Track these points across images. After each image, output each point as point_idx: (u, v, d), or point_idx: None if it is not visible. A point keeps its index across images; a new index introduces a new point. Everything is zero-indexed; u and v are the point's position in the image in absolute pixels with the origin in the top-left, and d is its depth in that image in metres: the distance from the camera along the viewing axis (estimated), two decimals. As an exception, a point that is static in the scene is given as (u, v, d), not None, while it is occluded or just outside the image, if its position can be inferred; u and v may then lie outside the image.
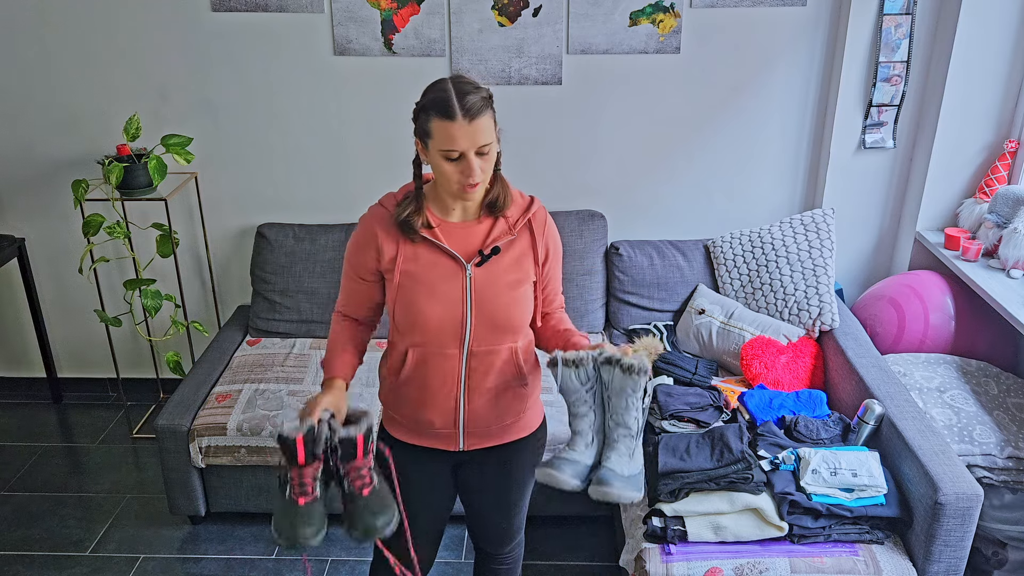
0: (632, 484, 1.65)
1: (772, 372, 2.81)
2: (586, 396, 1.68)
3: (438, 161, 1.67)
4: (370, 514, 1.71)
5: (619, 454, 1.67)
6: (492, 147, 1.68)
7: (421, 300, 1.76)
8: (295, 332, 3.28)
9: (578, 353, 1.64)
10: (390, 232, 1.79)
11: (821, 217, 3.13)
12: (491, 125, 1.66)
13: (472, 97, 1.62)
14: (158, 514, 3.02)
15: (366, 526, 1.71)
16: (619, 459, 1.67)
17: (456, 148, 1.62)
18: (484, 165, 1.67)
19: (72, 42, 3.18)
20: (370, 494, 1.73)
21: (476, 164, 1.64)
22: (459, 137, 1.62)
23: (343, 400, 1.80)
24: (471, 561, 2.77)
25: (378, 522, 1.71)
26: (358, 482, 1.74)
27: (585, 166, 3.34)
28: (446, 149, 1.63)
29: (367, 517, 1.71)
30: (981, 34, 2.89)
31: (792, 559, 2.19)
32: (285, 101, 3.26)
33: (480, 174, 1.66)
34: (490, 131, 1.65)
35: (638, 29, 3.12)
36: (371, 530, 1.71)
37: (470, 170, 1.64)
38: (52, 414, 3.66)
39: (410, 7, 3.10)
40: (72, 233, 3.46)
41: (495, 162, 1.79)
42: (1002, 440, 2.45)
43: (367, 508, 1.72)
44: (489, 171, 1.70)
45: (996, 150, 3.04)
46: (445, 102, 1.62)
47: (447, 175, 1.67)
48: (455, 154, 1.63)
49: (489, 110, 1.65)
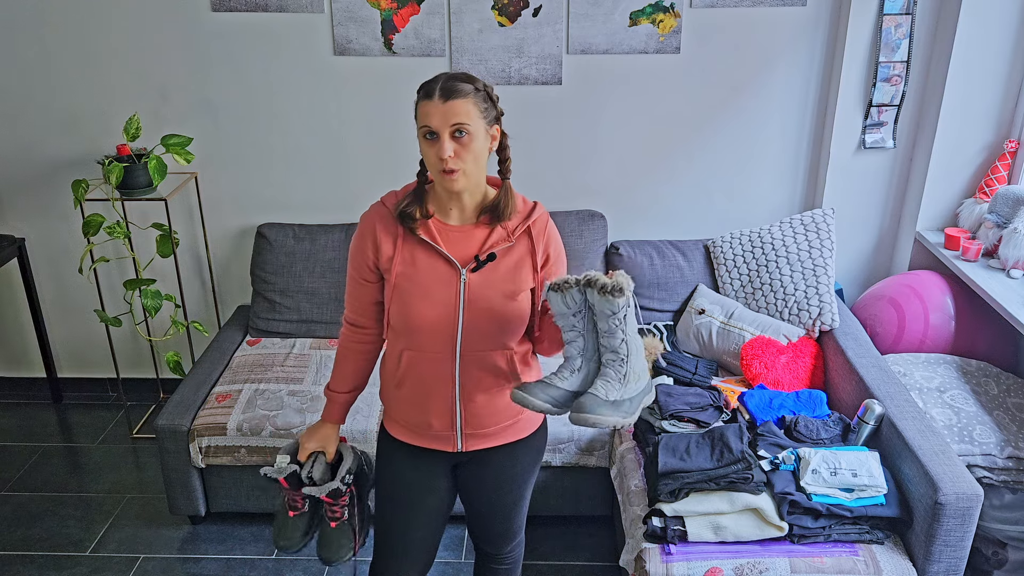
0: (619, 409, 1.62)
1: (772, 372, 2.81)
2: (575, 322, 1.67)
3: (421, 145, 1.72)
4: (329, 547, 2.03)
5: (606, 379, 1.65)
6: (472, 135, 1.68)
7: (415, 302, 1.77)
8: (295, 332, 3.28)
9: (564, 276, 1.65)
10: (388, 231, 1.80)
11: (821, 217, 3.13)
12: (470, 110, 1.67)
13: (456, 83, 1.68)
14: (158, 514, 3.02)
15: (324, 556, 2.04)
16: (606, 384, 1.64)
17: (429, 124, 1.67)
18: (460, 151, 1.68)
19: (72, 42, 3.18)
20: (336, 527, 2.03)
21: (448, 145, 1.67)
22: (432, 114, 1.66)
23: (332, 443, 2.01)
24: (471, 561, 2.77)
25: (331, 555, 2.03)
26: (329, 514, 2.03)
27: (585, 166, 3.34)
28: (421, 127, 1.69)
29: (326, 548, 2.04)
30: (981, 34, 2.89)
31: (792, 559, 2.19)
32: (285, 101, 3.26)
33: (454, 159, 1.67)
34: (467, 115, 1.67)
35: (638, 29, 3.12)
36: (327, 560, 2.03)
37: (441, 149, 1.67)
38: (52, 414, 3.66)
39: (410, 7, 3.10)
40: (72, 233, 3.46)
41: (502, 165, 1.82)
42: (1002, 440, 2.45)
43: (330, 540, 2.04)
44: (470, 161, 1.70)
45: (996, 150, 3.04)
46: (428, 84, 1.70)
47: (427, 158, 1.72)
48: (431, 132, 1.68)
49: (471, 97, 1.68)
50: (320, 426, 2.01)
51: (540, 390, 1.66)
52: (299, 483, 1.97)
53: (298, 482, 1.96)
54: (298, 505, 2.03)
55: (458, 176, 1.69)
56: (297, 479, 1.96)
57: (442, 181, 1.71)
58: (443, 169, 1.68)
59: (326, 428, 2.00)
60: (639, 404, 1.67)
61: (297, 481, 1.96)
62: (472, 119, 1.68)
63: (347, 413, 2.02)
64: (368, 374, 2.01)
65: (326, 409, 2.01)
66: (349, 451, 2.03)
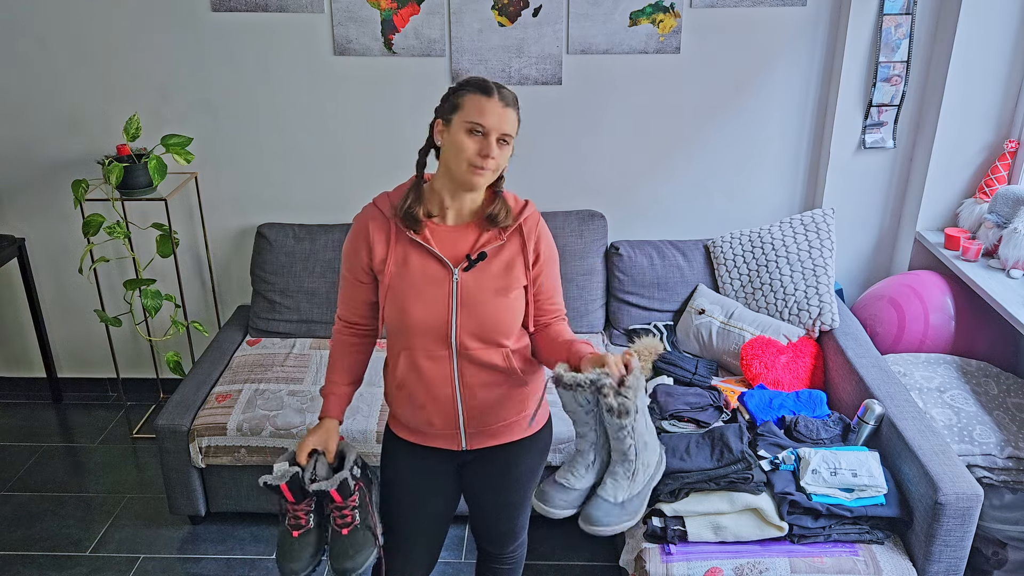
0: (627, 509, 1.68)
1: (772, 372, 2.81)
2: (586, 417, 1.68)
3: (459, 136, 1.70)
4: (346, 556, 1.86)
5: (615, 479, 1.70)
6: (510, 145, 1.74)
7: (408, 302, 1.78)
8: (295, 332, 3.28)
9: (575, 377, 1.61)
10: (381, 231, 1.81)
11: (821, 217, 3.13)
12: (515, 124, 1.74)
13: (513, 94, 1.75)
14: (158, 514, 3.02)
15: (341, 568, 1.85)
16: (615, 484, 1.69)
17: (484, 122, 1.68)
18: (498, 156, 1.71)
19: (72, 42, 3.18)
20: (349, 534, 1.88)
21: (494, 146, 1.69)
22: (490, 112, 1.69)
23: (333, 439, 1.92)
24: (471, 561, 2.77)
25: (349, 564, 1.85)
26: (339, 521, 1.89)
27: (585, 166, 3.34)
28: (474, 121, 1.69)
29: (343, 558, 1.86)
30: (981, 34, 2.89)
31: (792, 559, 2.19)
32: (285, 101, 3.26)
33: (493, 160, 1.70)
34: (514, 128, 1.73)
35: (638, 29, 3.12)
36: (346, 571, 1.85)
37: (488, 147, 1.69)
38: (52, 414, 3.66)
39: (410, 7, 3.10)
40: (72, 233, 3.46)
41: (500, 176, 1.82)
42: (1002, 440, 2.45)
43: (345, 548, 1.87)
44: (501, 165, 1.75)
45: (996, 150, 3.04)
46: (485, 83, 1.72)
47: (463, 149, 1.69)
48: (480, 128, 1.68)
49: (518, 114, 1.75)
50: (318, 425, 1.93)
51: (558, 495, 1.70)
52: (301, 492, 1.87)
53: (300, 491, 1.87)
54: (302, 522, 1.90)
55: (486, 176, 1.72)
56: (299, 486, 1.86)
57: (468, 175, 1.71)
58: (476, 165, 1.69)
59: (326, 424, 1.93)
60: (647, 495, 1.73)
61: (299, 490, 1.86)
62: (515, 132, 1.74)
63: (345, 410, 1.98)
64: (364, 368, 1.99)
65: (324, 407, 1.95)
66: (350, 447, 1.96)
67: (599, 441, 1.71)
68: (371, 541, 1.89)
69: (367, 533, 1.89)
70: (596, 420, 1.68)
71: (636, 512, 1.70)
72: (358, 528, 1.89)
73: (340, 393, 1.96)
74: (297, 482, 1.85)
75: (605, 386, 1.58)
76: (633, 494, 1.69)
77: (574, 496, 1.70)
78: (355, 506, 1.89)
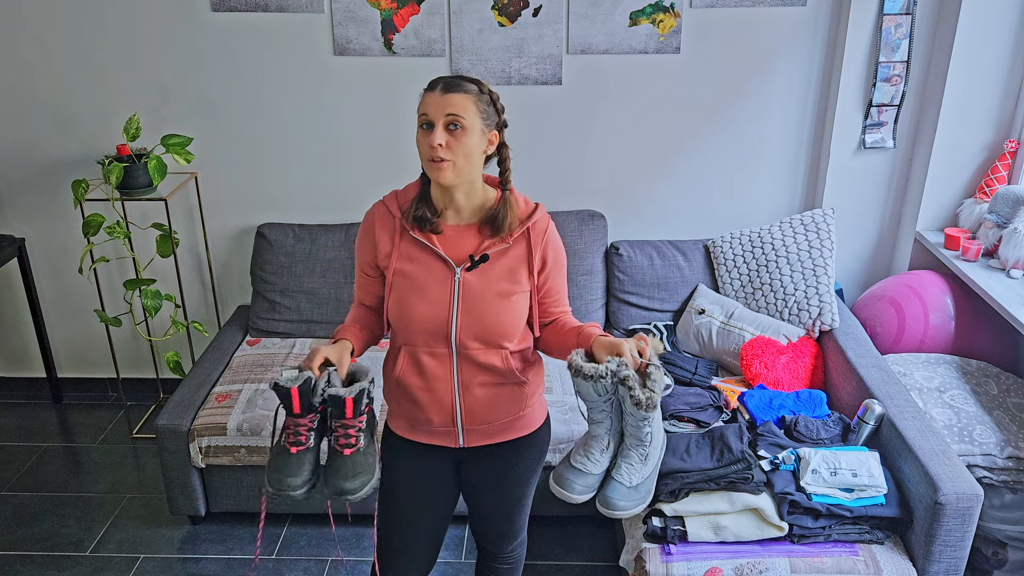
0: (639, 493, 1.72)
1: (772, 372, 2.81)
2: (603, 405, 1.70)
3: (417, 137, 1.74)
4: (343, 476, 1.72)
5: (630, 463, 1.72)
6: (467, 130, 1.70)
7: (411, 299, 1.79)
8: (295, 332, 3.28)
9: (596, 368, 1.61)
10: (387, 229, 1.82)
11: (821, 217, 3.13)
12: (467, 106, 1.70)
13: (460, 80, 1.72)
14: (158, 514, 3.02)
15: (337, 487, 1.71)
16: (629, 468, 1.72)
17: (426, 113, 1.70)
18: (452, 143, 1.70)
19: (72, 42, 3.18)
20: (351, 455, 1.74)
21: (440, 134, 1.69)
22: (430, 104, 1.70)
23: (347, 356, 1.79)
24: (471, 561, 2.77)
25: (349, 485, 1.71)
26: (342, 440, 1.75)
27: (585, 166, 3.34)
28: (419, 115, 1.72)
29: (339, 479, 1.72)
30: (981, 34, 2.89)
31: (792, 559, 2.19)
32: (285, 101, 3.26)
33: (444, 149, 1.69)
34: (464, 109, 1.70)
35: (638, 29, 3.12)
36: (342, 491, 1.71)
37: (433, 137, 1.69)
38: (52, 414, 3.66)
39: (410, 7, 3.10)
40: (72, 233, 3.46)
41: (503, 176, 1.82)
42: (1002, 440, 2.45)
43: (343, 469, 1.73)
44: (460, 155, 1.71)
45: (996, 150, 3.04)
46: (435, 79, 1.75)
47: (420, 147, 1.73)
48: (427, 120, 1.70)
49: (472, 96, 1.71)
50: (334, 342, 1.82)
51: (576, 480, 1.72)
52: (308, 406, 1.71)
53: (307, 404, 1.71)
54: (302, 439, 1.74)
55: (447, 167, 1.70)
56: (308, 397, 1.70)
57: (431, 171, 1.73)
58: (432, 158, 1.70)
59: (342, 343, 1.81)
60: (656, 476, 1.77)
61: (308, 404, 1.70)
62: (468, 114, 1.70)
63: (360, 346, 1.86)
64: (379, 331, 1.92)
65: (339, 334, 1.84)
66: (364, 371, 1.79)
67: (614, 426, 1.73)
68: (374, 468, 1.77)
69: (370, 459, 1.76)
70: (612, 407, 1.70)
71: (648, 494, 1.74)
72: (361, 451, 1.76)
73: (355, 332, 1.87)
74: (308, 390, 1.69)
75: (630, 378, 1.60)
76: (645, 476, 1.73)
77: (591, 480, 1.72)
78: (361, 428, 1.77)
